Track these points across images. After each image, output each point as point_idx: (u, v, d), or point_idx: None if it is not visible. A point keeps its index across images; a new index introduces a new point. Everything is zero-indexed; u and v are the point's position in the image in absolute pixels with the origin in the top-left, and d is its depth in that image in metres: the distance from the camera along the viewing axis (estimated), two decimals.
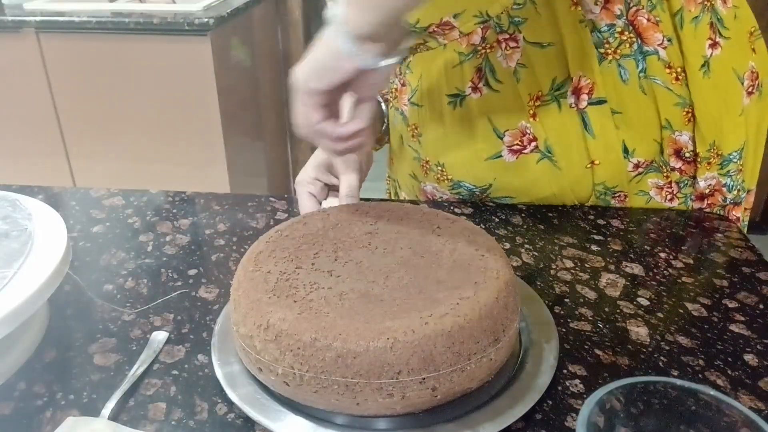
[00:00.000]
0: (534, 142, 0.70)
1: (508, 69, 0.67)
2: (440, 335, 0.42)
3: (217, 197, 0.80)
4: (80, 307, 0.60)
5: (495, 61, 0.67)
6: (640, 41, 0.65)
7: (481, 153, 0.72)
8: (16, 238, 0.54)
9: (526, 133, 0.69)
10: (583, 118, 0.68)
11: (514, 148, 0.70)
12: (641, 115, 0.67)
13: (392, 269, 0.49)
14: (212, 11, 1.79)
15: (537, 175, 0.72)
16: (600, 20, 0.64)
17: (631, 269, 0.64)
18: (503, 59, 0.67)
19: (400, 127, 0.79)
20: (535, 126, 0.69)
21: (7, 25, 1.80)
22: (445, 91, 0.71)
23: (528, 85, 0.68)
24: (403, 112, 0.77)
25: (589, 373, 0.50)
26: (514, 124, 0.69)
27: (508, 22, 0.65)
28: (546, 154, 0.70)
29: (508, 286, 0.48)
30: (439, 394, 0.43)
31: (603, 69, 0.66)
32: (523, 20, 0.65)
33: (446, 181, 0.76)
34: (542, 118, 0.69)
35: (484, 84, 0.68)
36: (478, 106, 0.70)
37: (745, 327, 0.56)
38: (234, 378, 0.49)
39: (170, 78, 1.82)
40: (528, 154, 0.70)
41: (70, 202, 0.79)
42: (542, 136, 0.69)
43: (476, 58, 0.68)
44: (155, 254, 0.68)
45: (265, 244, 0.53)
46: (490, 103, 0.69)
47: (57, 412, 0.47)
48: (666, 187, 0.72)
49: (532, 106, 0.68)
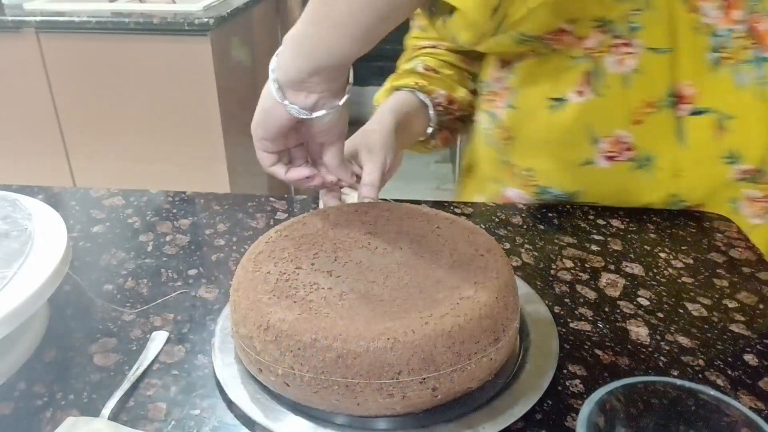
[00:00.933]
0: (630, 151, 0.69)
1: (618, 74, 0.66)
2: (440, 335, 0.42)
3: (217, 197, 0.80)
4: (80, 307, 0.60)
5: (605, 66, 0.66)
6: (760, 47, 0.64)
7: (574, 159, 0.71)
8: (16, 238, 0.54)
9: (624, 141, 0.68)
10: (680, 127, 0.67)
11: (608, 155, 0.69)
12: (754, 121, 0.66)
13: (392, 269, 0.49)
14: (212, 11, 1.79)
15: (628, 184, 0.71)
16: (719, 24, 0.64)
17: (631, 269, 0.64)
18: (614, 64, 0.65)
19: (491, 130, 0.77)
20: (637, 133, 0.68)
21: (7, 25, 1.79)
22: (548, 95, 0.69)
23: (640, 91, 0.66)
24: (495, 114, 0.75)
25: (589, 373, 0.50)
26: (611, 131, 0.68)
27: (626, 28, 0.64)
28: (644, 163, 0.69)
29: (508, 286, 0.48)
30: (439, 394, 0.43)
31: (716, 75, 0.65)
32: (642, 26, 0.64)
33: (532, 187, 0.75)
34: (648, 125, 0.67)
35: (590, 88, 0.67)
36: (578, 111, 0.68)
37: (745, 327, 0.56)
38: (234, 378, 0.49)
39: (170, 78, 1.82)
40: (622, 163, 0.69)
41: (70, 202, 0.79)
42: (641, 145, 0.68)
43: (586, 62, 0.66)
44: (155, 254, 0.68)
45: (264, 244, 0.53)
46: (591, 109, 0.68)
47: (57, 412, 0.47)
48: (762, 200, 0.70)
49: (641, 113, 0.67)
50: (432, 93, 0.80)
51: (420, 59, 0.84)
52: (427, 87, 0.80)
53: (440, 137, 0.85)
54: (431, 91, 0.80)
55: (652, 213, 0.74)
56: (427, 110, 0.79)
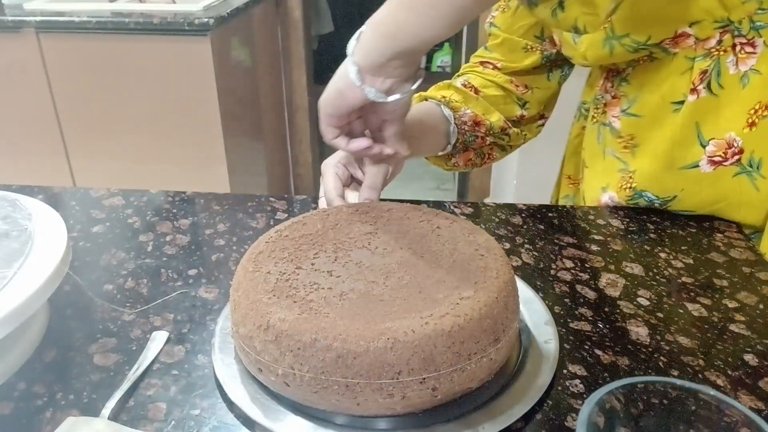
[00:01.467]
0: (738, 155, 0.66)
1: (736, 74, 0.64)
2: (440, 335, 0.42)
3: (217, 197, 0.80)
4: (80, 307, 0.60)
5: (724, 65, 0.64)
6: None
7: (677, 161, 0.69)
8: (16, 238, 0.54)
9: (733, 145, 0.66)
10: None
11: (715, 159, 0.67)
12: None
13: (392, 269, 0.49)
14: (212, 11, 1.79)
15: (728, 190, 0.69)
16: None
17: (631, 269, 0.64)
18: (733, 64, 0.64)
19: (607, 140, 0.75)
20: (748, 137, 0.65)
21: (7, 25, 1.80)
22: (670, 99, 0.68)
23: (757, 91, 0.64)
24: (611, 124, 0.74)
25: (589, 373, 0.50)
26: (722, 134, 0.66)
27: (749, 27, 0.62)
28: (747, 168, 0.66)
29: (508, 285, 0.48)
30: (439, 394, 0.43)
31: None
32: (766, 25, 0.62)
33: (628, 190, 0.73)
34: (762, 127, 0.65)
35: (705, 87, 0.65)
36: (691, 111, 0.66)
37: (745, 327, 0.56)
38: (234, 378, 0.49)
39: (170, 78, 1.82)
40: (727, 167, 0.67)
41: (70, 202, 0.79)
42: (751, 148, 0.66)
43: (705, 60, 0.65)
44: (155, 254, 0.68)
45: (264, 244, 0.53)
46: (704, 108, 0.66)
47: (57, 412, 0.47)
48: None
49: (756, 115, 0.65)
50: (458, 110, 0.79)
51: (466, 75, 0.83)
52: (454, 103, 0.79)
53: (462, 157, 0.84)
54: (458, 108, 0.79)
55: (652, 213, 0.74)
56: (448, 126, 0.78)
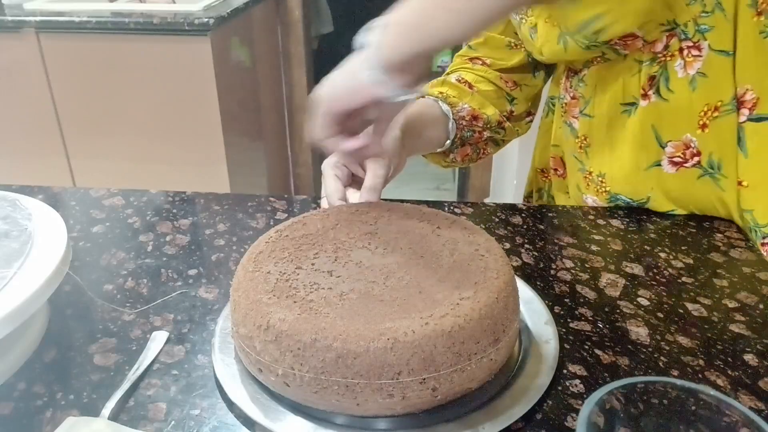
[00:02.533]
0: (697, 157, 0.68)
1: (684, 77, 0.66)
2: (440, 335, 0.42)
3: (217, 197, 0.80)
4: (80, 307, 0.60)
5: (672, 69, 0.66)
6: None
7: (642, 162, 0.71)
8: (16, 238, 0.54)
9: (691, 145, 0.68)
10: (739, 134, 0.66)
11: (675, 160, 0.69)
12: None
13: (392, 269, 0.49)
14: (212, 11, 1.79)
15: (698, 191, 0.70)
16: None
17: (631, 269, 0.64)
18: (681, 68, 0.65)
19: (568, 140, 0.78)
20: (703, 139, 0.67)
21: (7, 25, 1.79)
22: (620, 100, 0.70)
23: (705, 94, 0.66)
24: (571, 124, 0.76)
25: (589, 373, 0.50)
26: (679, 136, 0.68)
27: (695, 30, 0.64)
28: (708, 170, 0.68)
29: (508, 286, 0.48)
30: (439, 395, 0.43)
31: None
32: (710, 28, 0.63)
33: (604, 194, 0.75)
34: (714, 129, 0.67)
35: (654, 92, 0.67)
36: (645, 114, 0.69)
37: (745, 327, 0.56)
38: (234, 378, 0.49)
39: (170, 78, 1.82)
40: (689, 168, 0.69)
41: (70, 202, 0.79)
42: (708, 150, 0.68)
43: (654, 65, 0.67)
44: (155, 254, 0.68)
45: (264, 244, 0.53)
46: (656, 112, 0.68)
47: (57, 412, 0.47)
48: None
49: (706, 117, 0.67)
50: (455, 105, 0.79)
51: (459, 72, 0.84)
52: (451, 99, 0.79)
53: (460, 153, 0.84)
54: (455, 104, 0.79)
55: (652, 213, 0.74)
56: (447, 122, 0.78)
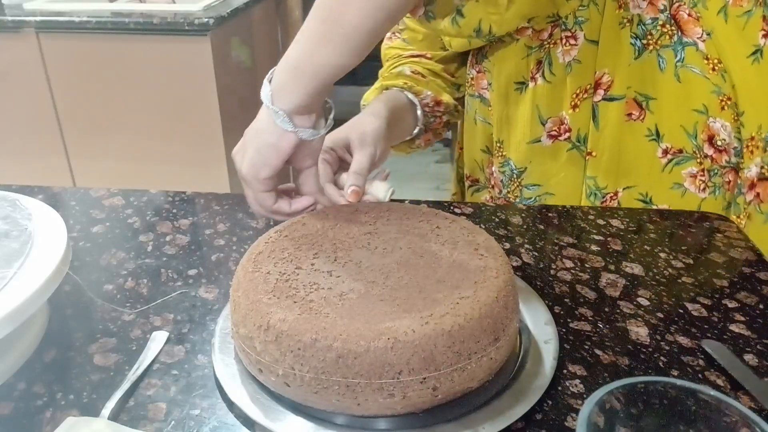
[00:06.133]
0: (568, 133, 0.77)
1: (563, 63, 0.74)
2: (440, 335, 0.42)
3: (217, 197, 0.80)
4: (80, 307, 0.60)
5: (554, 55, 0.75)
6: (681, 33, 0.71)
7: (526, 136, 0.79)
8: (16, 238, 0.54)
9: (564, 122, 0.77)
10: (594, 112, 0.75)
11: (552, 134, 0.78)
12: (674, 101, 0.72)
13: (392, 269, 0.49)
14: (212, 11, 1.78)
15: (565, 162, 0.78)
16: (645, 14, 0.71)
17: (631, 269, 0.64)
18: (561, 54, 0.74)
19: (478, 109, 0.85)
20: (573, 117, 0.76)
21: (7, 25, 1.79)
22: (514, 79, 0.78)
23: (578, 78, 0.74)
24: (481, 95, 0.84)
25: (589, 373, 0.50)
26: (556, 113, 0.77)
27: (573, 22, 0.72)
28: (575, 144, 0.77)
29: (507, 285, 0.48)
30: (439, 394, 0.43)
31: (641, 61, 0.72)
32: (586, 20, 0.72)
33: (500, 157, 0.83)
34: (583, 109, 0.75)
35: (540, 75, 0.76)
36: (532, 95, 0.77)
37: (745, 327, 0.56)
38: (234, 378, 0.49)
39: (170, 78, 1.82)
40: (561, 142, 0.78)
41: (70, 202, 0.79)
42: (576, 127, 0.76)
43: (540, 51, 0.75)
44: (155, 254, 0.68)
45: (264, 244, 0.53)
46: (541, 93, 0.77)
47: (57, 412, 0.47)
48: (699, 175, 0.75)
49: (577, 98, 0.75)
50: (420, 94, 0.84)
51: (407, 65, 0.88)
52: (415, 88, 0.84)
53: (424, 138, 0.89)
54: (419, 92, 0.84)
55: (652, 213, 0.74)
56: (415, 110, 0.83)
